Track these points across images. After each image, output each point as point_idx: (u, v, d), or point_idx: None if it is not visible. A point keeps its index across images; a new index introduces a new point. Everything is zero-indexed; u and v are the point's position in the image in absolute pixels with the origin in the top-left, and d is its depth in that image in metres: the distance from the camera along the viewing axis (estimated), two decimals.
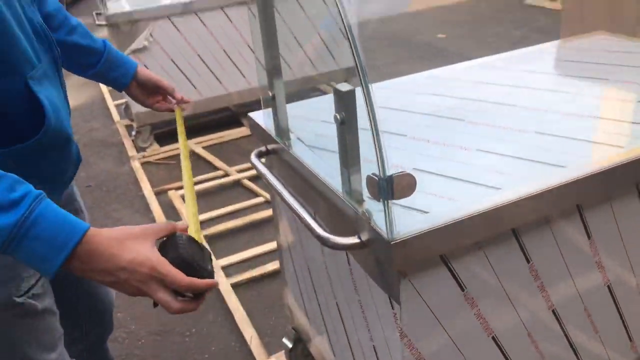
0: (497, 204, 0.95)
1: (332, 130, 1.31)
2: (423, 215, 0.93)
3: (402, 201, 0.89)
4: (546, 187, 0.99)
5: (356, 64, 0.83)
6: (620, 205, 1.11)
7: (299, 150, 1.21)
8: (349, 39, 0.84)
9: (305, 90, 3.97)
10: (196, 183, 2.92)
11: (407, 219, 0.92)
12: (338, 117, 0.92)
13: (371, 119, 0.83)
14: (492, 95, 1.43)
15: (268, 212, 2.63)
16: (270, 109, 1.29)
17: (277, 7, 1.22)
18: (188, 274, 0.80)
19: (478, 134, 1.23)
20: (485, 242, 0.99)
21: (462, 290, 1.00)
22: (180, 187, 2.88)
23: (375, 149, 0.83)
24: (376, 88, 0.84)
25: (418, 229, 0.89)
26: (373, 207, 0.94)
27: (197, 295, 0.83)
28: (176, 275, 0.79)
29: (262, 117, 1.37)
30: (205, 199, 2.84)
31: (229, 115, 3.77)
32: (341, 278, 1.19)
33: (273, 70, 1.22)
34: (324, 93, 4.01)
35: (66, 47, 1.16)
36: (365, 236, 0.95)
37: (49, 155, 0.97)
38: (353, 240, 0.97)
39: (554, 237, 1.06)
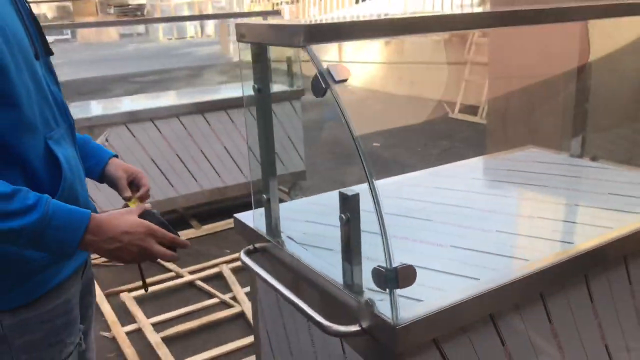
0: (478, 293, 1.10)
1: (320, 229, 1.45)
2: (419, 304, 1.06)
3: (397, 291, 1.01)
4: (514, 278, 1.15)
5: (366, 173, 0.99)
6: (574, 292, 1.29)
7: (291, 247, 1.33)
8: (358, 151, 1.00)
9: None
10: (148, 285, 2.90)
11: (405, 307, 1.04)
12: (344, 217, 1.06)
13: (380, 219, 0.97)
14: (451, 199, 1.63)
15: (224, 313, 2.65)
16: (261, 210, 1.41)
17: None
18: None
19: (447, 232, 1.40)
20: (469, 327, 1.12)
21: None
22: (132, 289, 2.85)
23: (383, 244, 0.97)
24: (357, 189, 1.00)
25: (417, 315, 1.02)
26: (374, 296, 1.06)
27: (174, 248, 1.11)
28: (163, 232, 1.08)
29: (250, 218, 1.49)
30: (159, 301, 2.82)
31: (176, 217, 3.82)
32: None
33: (269, 175, 1.36)
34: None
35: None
36: (366, 323, 1.06)
37: None
38: (354, 327, 1.08)
39: (522, 322, 1.21)
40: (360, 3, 10.98)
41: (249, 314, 2.60)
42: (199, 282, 2.95)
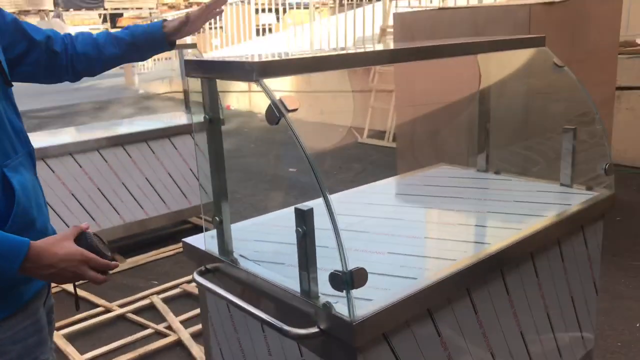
0: (417, 290, 1.27)
1: (270, 247, 1.57)
2: (369, 303, 1.21)
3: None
4: (445, 276, 1.33)
5: (320, 188, 1.13)
6: (493, 286, 1.50)
7: (245, 265, 1.43)
8: (311, 167, 1.14)
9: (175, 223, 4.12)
10: (78, 321, 2.85)
11: (358, 307, 1.18)
12: (300, 230, 1.19)
13: (335, 229, 1.11)
14: (381, 212, 1.81)
15: (160, 343, 2.66)
16: (212, 232, 1.51)
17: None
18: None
19: (383, 241, 1.57)
20: (411, 321, 1.28)
21: None
22: (62, 327, 2.78)
23: (339, 251, 1.11)
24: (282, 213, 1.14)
25: (369, 312, 1.16)
26: (330, 300, 1.19)
27: (105, 272, 1.19)
28: (96, 259, 1.15)
29: (199, 241, 1.58)
30: (91, 336, 2.77)
31: None
32: None
33: (220, 197, 1.46)
34: (196, 225, 4.19)
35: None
36: (324, 324, 1.19)
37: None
38: (313, 329, 1.20)
39: (454, 314, 1.40)
40: (261, 37, 11.27)
41: (187, 341, 2.63)
42: (130, 315, 2.93)
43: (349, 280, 1.12)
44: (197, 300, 3.05)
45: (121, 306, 3.03)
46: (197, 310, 2.92)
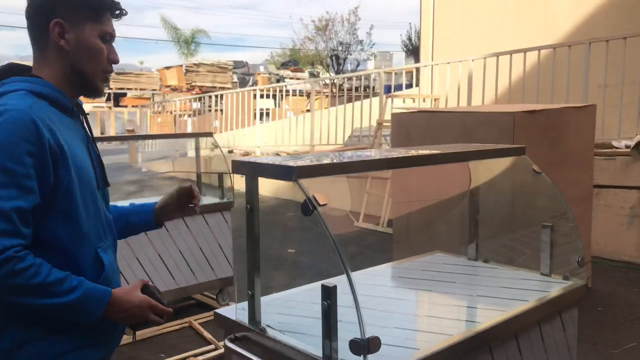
0: (420, 358, 1.52)
1: (292, 319, 1.82)
2: None
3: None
4: (443, 348, 1.59)
5: (344, 267, 1.41)
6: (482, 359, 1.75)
7: (272, 333, 1.68)
8: (338, 251, 1.43)
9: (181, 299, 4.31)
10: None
11: None
12: (325, 303, 1.46)
13: (356, 302, 1.39)
14: (386, 293, 2.08)
15: None
16: (243, 304, 1.77)
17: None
18: None
19: (388, 317, 1.83)
20: None
21: None
22: None
23: (359, 321, 1.38)
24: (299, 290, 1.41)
25: None
26: None
27: (163, 316, 1.49)
28: (158, 305, 1.45)
29: (229, 312, 1.83)
30: None
31: None
32: None
33: (253, 273, 1.73)
34: (199, 301, 4.38)
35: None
36: None
37: None
38: None
39: None
40: (259, 122, 11.82)
41: None
42: None
43: (366, 346, 1.38)
44: None
45: None
46: None
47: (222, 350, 3.44)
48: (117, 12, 1.45)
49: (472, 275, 2.35)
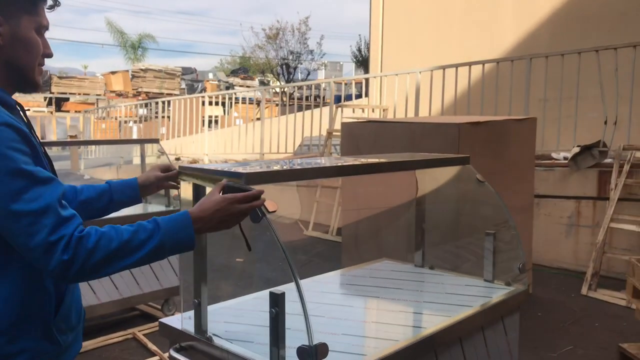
0: None
1: (239, 327, 1.80)
2: None
3: None
4: (389, 353, 1.60)
5: (293, 274, 1.41)
6: None
7: (219, 342, 1.65)
8: (286, 257, 1.42)
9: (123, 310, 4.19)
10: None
11: None
12: (274, 310, 1.45)
13: (304, 310, 1.38)
14: (333, 300, 2.08)
15: None
16: (189, 313, 1.73)
17: None
18: None
19: (336, 324, 1.83)
20: None
21: None
22: None
23: (307, 329, 1.38)
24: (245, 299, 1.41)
25: None
26: None
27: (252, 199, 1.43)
28: (239, 195, 1.40)
29: (177, 321, 1.79)
30: None
31: None
32: None
33: (200, 282, 1.70)
34: (144, 312, 4.27)
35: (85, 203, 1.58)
36: None
37: None
38: None
39: None
40: (208, 129, 11.69)
41: None
42: None
43: (314, 353, 1.37)
44: None
45: None
46: None
47: None
48: (52, 2, 1.38)
49: (419, 282, 2.39)
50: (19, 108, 1.36)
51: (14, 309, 1.25)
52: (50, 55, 1.40)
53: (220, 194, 1.42)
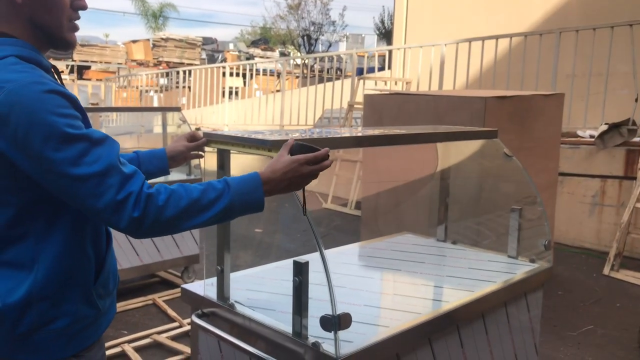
0: (388, 336, 1.52)
1: (261, 295, 1.80)
2: (350, 344, 1.45)
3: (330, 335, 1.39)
4: (411, 326, 1.59)
5: (318, 244, 1.39)
6: (450, 338, 1.76)
7: (241, 309, 1.65)
8: (311, 226, 1.40)
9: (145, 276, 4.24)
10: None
11: (341, 347, 1.42)
12: (297, 279, 1.44)
13: (328, 280, 1.37)
14: (357, 272, 2.07)
15: None
16: (211, 280, 1.73)
17: None
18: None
19: (359, 295, 1.82)
20: None
21: None
22: None
23: (331, 298, 1.36)
24: (268, 268, 1.39)
25: (351, 350, 1.40)
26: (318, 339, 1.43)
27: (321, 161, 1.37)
28: (307, 156, 1.35)
29: (199, 287, 1.79)
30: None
31: None
32: None
33: (223, 249, 1.69)
34: (164, 279, 4.32)
35: None
36: None
37: None
38: None
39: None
40: (228, 100, 11.66)
41: None
42: None
43: (337, 322, 1.36)
44: (167, 350, 3.18)
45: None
46: (170, 359, 3.05)
47: (187, 328, 3.41)
48: None
49: (441, 256, 2.36)
50: (53, 71, 1.33)
51: (58, 274, 1.25)
52: (83, 7, 1.31)
53: (289, 154, 1.38)
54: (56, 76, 1.32)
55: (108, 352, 3.12)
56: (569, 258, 5.02)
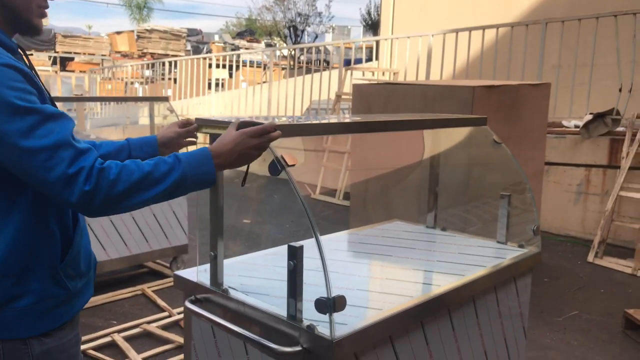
0: (382, 319, 1.53)
1: (254, 281, 1.80)
2: (344, 326, 1.46)
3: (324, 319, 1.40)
4: (404, 309, 1.60)
5: (312, 227, 1.40)
6: (441, 321, 1.78)
7: (234, 295, 1.66)
8: (305, 209, 1.41)
9: (132, 267, 4.23)
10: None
11: (335, 329, 1.43)
12: (292, 263, 1.44)
13: (323, 263, 1.38)
14: (347, 257, 2.08)
15: None
16: (205, 266, 1.73)
17: None
18: None
19: (351, 280, 1.83)
20: (377, 344, 1.54)
21: None
22: None
23: (326, 280, 1.37)
24: (260, 255, 1.40)
25: (346, 333, 1.41)
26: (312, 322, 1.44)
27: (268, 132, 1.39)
28: (254, 128, 1.37)
29: (192, 273, 1.79)
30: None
31: None
32: None
33: (216, 235, 1.70)
34: (152, 269, 4.31)
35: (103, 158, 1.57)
36: (307, 344, 1.43)
37: None
38: (297, 348, 1.44)
39: (409, 343, 1.66)
40: (214, 92, 11.60)
41: None
42: (91, 351, 3.01)
43: (332, 305, 1.37)
44: (157, 339, 3.18)
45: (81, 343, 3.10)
46: (160, 348, 3.05)
47: (177, 317, 3.41)
48: None
49: (431, 242, 2.39)
50: (21, 52, 1.32)
51: (20, 252, 1.25)
52: None
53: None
54: (25, 58, 1.32)
55: (98, 342, 3.11)
56: (554, 246, 5.09)
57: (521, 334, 2.25)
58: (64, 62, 21.53)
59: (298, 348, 1.43)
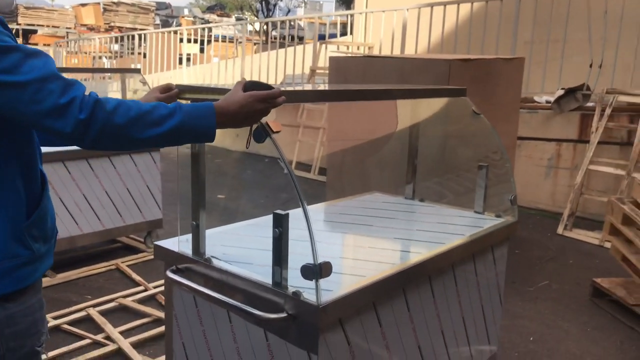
0: (365, 285, 1.54)
1: (237, 250, 1.79)
2: (329, 293, 1.47)
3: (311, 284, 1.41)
4: (386, 276, 1.62)
5: (299, 196, 1.39)
6: (422, 288, 1.80)
7: (217, 264, 1.65)
8: (294, 182, 1.40)
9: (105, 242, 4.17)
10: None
11: (321, 295, 1.44)
12: (277, 231, 1.44)
13: (309, 229, 1.37)
14: (330, 228, 2.09)
15: (98, 352, 2.73)
16: (186, 236, 1.72)
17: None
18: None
19: (335, 249, 1.84)
20: (361, 310, 1.55)
21: (349, 344, 1.53)
22: None
23: (312, 247, 1.37)
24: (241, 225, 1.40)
25: (331, 298, 1.42)
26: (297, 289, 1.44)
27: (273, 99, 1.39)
28: (262, 93, 1.36)
29: (173, 244, 1.77)
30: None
31: None
32: (256, 355, 1.59)
33: (198, 205, 1.68)
34: (126, 244, 4.26)
35: None
36: (293, 310, 1.43)
37: None
38: (282, 314, 1.44)
39: (392, 310, 1.68)
40: (186, 66, 11.39)
41: (128, 350, 2.73)
42: (66, 326, 2.97)
43: (318, 271, 1.38)
44: (133, 313, 3.15)
45: (55, 318, 3.06)
46: (137, 322, 3.02)
47: (153, 291, 3.38)
48: None
49: (410, 212, 2.41)
50: None
51: None
52: None
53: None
54: None
55: (72, 317, 3.07)
56: (525, 219, 5.19)
57: (497, 302, 2.31)
58: (26, 35, 20.82)
59: (283, 314, 1.44)
